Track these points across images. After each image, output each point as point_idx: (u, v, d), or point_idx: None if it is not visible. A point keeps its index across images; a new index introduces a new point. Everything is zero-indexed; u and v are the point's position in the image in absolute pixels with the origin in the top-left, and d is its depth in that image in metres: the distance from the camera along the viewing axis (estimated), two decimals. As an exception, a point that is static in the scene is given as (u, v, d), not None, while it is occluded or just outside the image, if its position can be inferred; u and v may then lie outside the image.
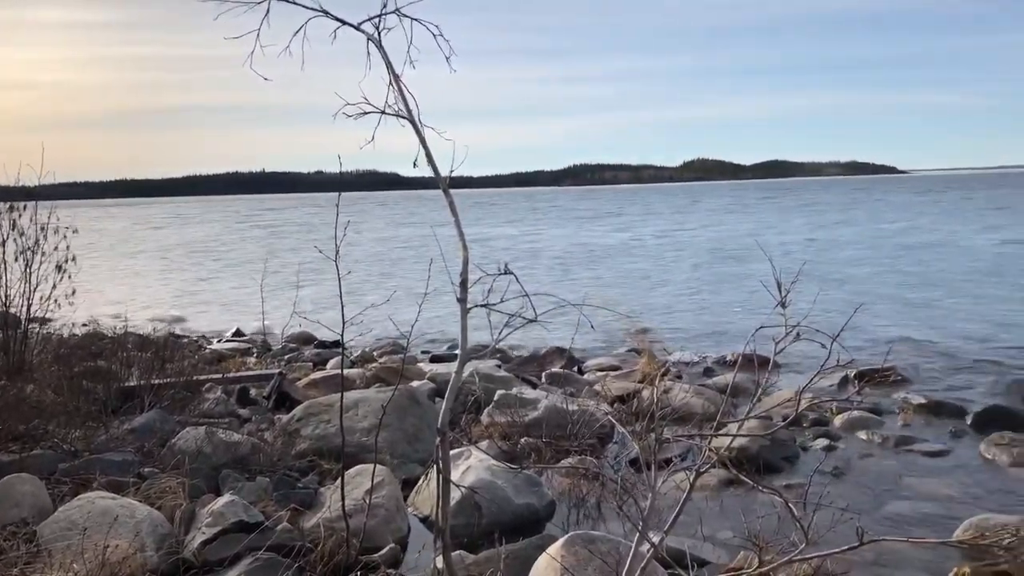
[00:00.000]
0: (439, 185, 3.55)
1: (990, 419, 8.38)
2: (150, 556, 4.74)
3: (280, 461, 6.63)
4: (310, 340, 14.48)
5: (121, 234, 59.75)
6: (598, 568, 4.20)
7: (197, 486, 5.76)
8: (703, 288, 21.26)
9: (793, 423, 8.36)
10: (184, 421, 7.45)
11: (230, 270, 30.23)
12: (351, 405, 7.36)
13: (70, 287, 9.33)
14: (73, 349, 9.83)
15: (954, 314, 15.66)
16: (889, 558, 5.24)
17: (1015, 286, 18.96)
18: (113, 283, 26.38)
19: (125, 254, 39.99)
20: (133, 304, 19.24)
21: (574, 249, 35.32)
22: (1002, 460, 7.39)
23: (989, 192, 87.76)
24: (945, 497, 6.59)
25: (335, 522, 5.10)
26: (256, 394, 9.35)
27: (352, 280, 22.83)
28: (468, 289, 3.45)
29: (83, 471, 5.90)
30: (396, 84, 3.52)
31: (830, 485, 6.60)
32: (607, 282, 23.33)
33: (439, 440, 3.42)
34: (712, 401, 8.84)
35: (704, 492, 6.53)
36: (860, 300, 15.98)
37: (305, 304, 15.74)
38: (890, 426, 8.58)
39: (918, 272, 22.48)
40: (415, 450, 7.13)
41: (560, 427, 7.65)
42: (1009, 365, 11.29)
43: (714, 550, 5.48)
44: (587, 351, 12.80)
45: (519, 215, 74.45)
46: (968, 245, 29.63)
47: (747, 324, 15.35)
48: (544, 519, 6.07)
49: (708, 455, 3.70)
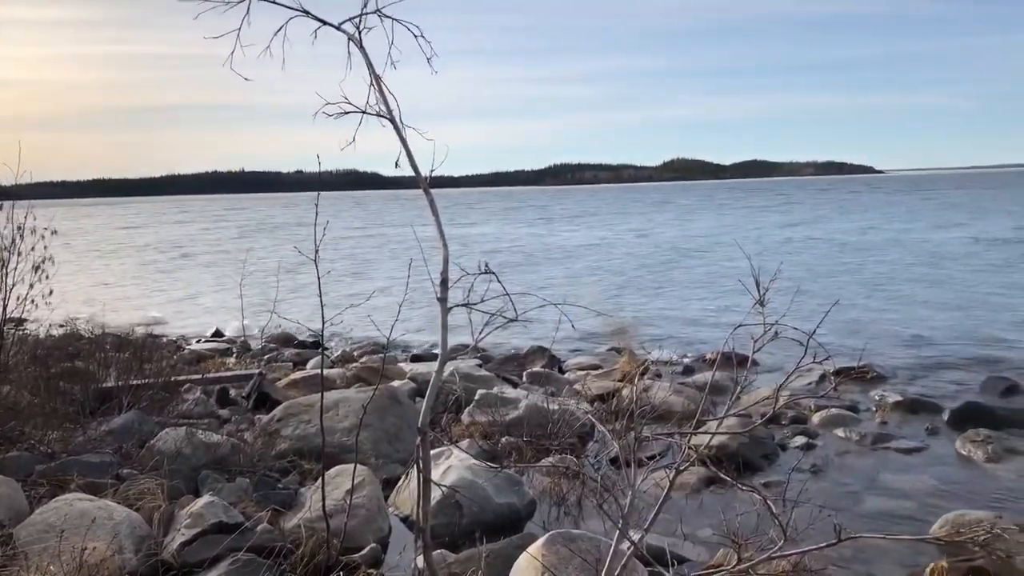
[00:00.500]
0: (419, 185, 3.55)
1: (966, 416, 8.49)
2: (128, 558, 4.71)
3: (260, 462, 6.60)
4: (290, 340, 14.42)
5: (98, 233, 59.24)
6: (579, 567, 4.21)
7: (176, 487, 5.72)
8: (676, 286, 21.38)
9: (771, 421, 8.43)
10: (163, 422, 7.40)
11: (208, 270, 30.04)
12: (331, 405, 7.34)
13: (47, 288, 9.24)
14: (50, 350, 9.72)
15: (928, 311, 15.82)
16: (867, 554, 5.30)
17: (988, 284, 19.18)
18: (90, 283, 26.15)
19: (102, 254, 39.65)
20: (110, 304, 19.07)
21: (548, 248, 35.38)
22: (977, 456, 7.48)
23: (956, 191, 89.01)
24: (922, 493, 6.66)
25: (316, 523, 5.08)
26: (236, 394, 9.31)
27: (331, 280, 22.79)
28: (448, 288, 3.45)
29: (60, 473, 5.84)
30: (377, 84, 3.51)
31: (808, 482, 6.65)
32: (585, 281, 23.37)
33: (419, 440, 3.42)
34: (692, 399, 8.89)
35: (684, 490, 6.57)
36: (831, 298, 16.14)
37: (284, 305, 15.67)
38: (867, 424, 8.66)
39: (885, 272, 22.76)
40: (396, 450, 7.12)
41: (541, 426, 7.67)
42: (984, 362, 11.43)
43: (694, 547, 5.52)
44: (568, 350, 12.83)
45: (492, 215, 74.57)
46: (939, 241, 29.97)
47: (710, 320, 15.47)
48: (525, 518, 6.08)
49: (687, 453, 3.72)
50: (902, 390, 9.82)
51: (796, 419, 8.71)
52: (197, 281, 26.75)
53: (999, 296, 17.42)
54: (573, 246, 36.47)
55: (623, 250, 33.55)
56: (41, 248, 9.01)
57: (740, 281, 3.81)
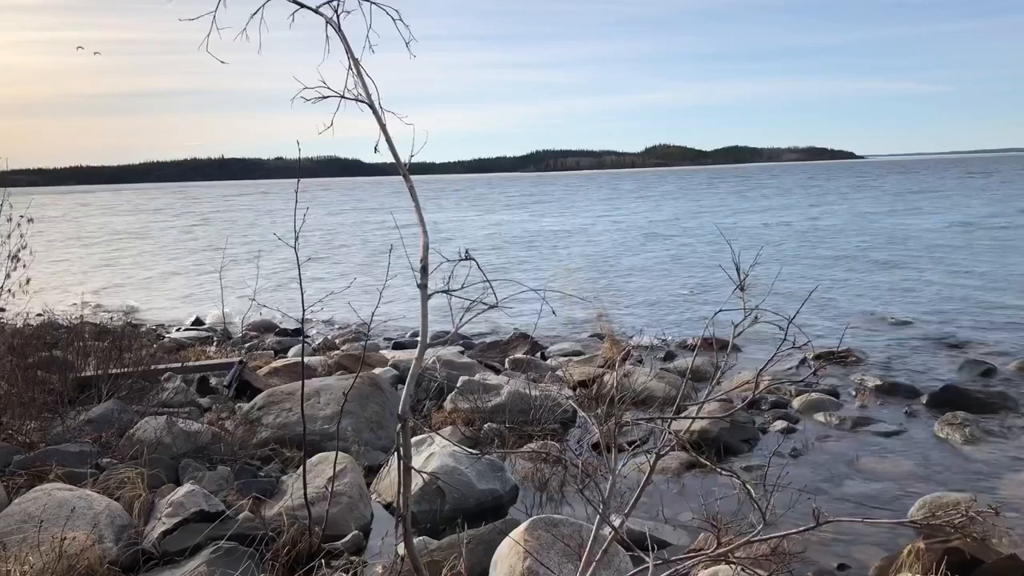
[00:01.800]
0: (399, 171, 3.53)
1: (944, 399, 8.58)
2: (109, 548, 4.68)
3: (241, 450, 6.58)
4: (271, 328, 14.37)
5: (76, 222, 58.68)
6: (561, 551, 4.23)
7: (157, 476, 5.69)
8: (657, 269, 21.45)
9: (752, 405, 8.48)
10: (143, 411, 7.35)
11: (188, 258, 29.83)
12: (312, 393, 7.32)
13: (25, 276, 9.16)
14: (28, 339, 9.63)
15: (907, 295, 15.95)
16: (845, 537, 5.35)
17: (963, 267, 19.35)
18: (68, 272, 25.92)
19: (80, 242, 39.28)
20: (89, 293, 18.90)
21: (535, 234, 35.39)
22: (955, 439, 7.56)
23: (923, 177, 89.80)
24: (900, 476, 6.73)
25: (297, 510, 5.07)
26: (216, 383, 9.26)
27: (312, 267, 22.67)
28: (429, 275, 3.44)
29: (39, 463, 5.79)
30: (355, 68, 3.48)
31: (788, 466, 6.71)
32: (568, 266, 23.41)
33: (400, 427, 3.41)
34: (673, 385, 8.92)
35: (665, 475, 6.61)
36: (811, 282, 16.27)
37: (264, 292, 15.61)
38: (847, 407, 8.73)
39: (860, 255, 22.95)
40: (378, 437, 7.12)
41: (523, 412, 7.68)
42: (962, 346, 11.55)
43: (675, 532, 5.55)
44: (550, 336, 12.85)
45: (471, 201, 74.64)
46: (915, 225, 30.21)
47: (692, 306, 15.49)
48: (507, 504, 6.10)
49: (668, 438, 3.73)
50: (881, 374, 9.91)
51: (777, 403, 8.76)
52: (177, 269, 26.56)
53: (977, 280, 17.57)
54: (550, 231, 36.50)
55: (605, 236, 33.62)
56: (17, 237, 8.93)
57: (721, 266, 3.82)
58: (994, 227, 29.41)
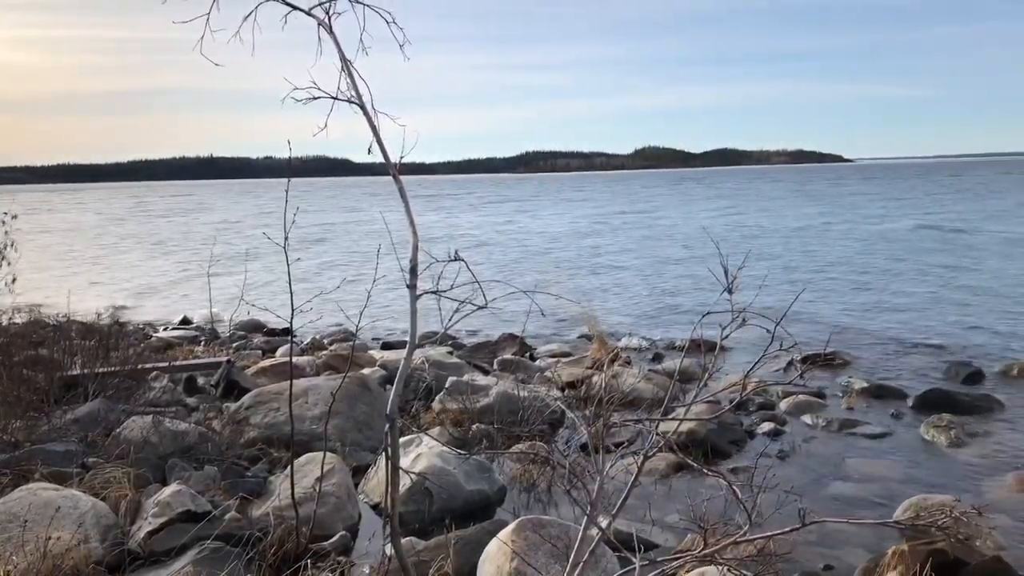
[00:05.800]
0: (389, 171, 3.53)
1: (930, 402, 8.64)
2: (94, 547, 4.66)
3: (229, 450, 6.56)
4: (259, 327, 14.32)
5: (63, 220, 58.33)
6: (548, 552, 4.24)
7: (143, 476, 5.66)
8: (647, 270, 21.50)
9: (740, 407, 8.52)
10: (130, 410, 7.32)
11: (174, 257, 29.70)
12: (301, 393, 7.30)
13: (10, 274, 9.11)
14: (13, 337, 9.58)
15: (894, 299, 16.03)
16: (831, 538, 5.38)
17: (949, 271, 19.47)
18: (56, 270, 25.76)
19: (67, 240, 39.05)
20: (76, 291, 18.79)
21: (527, 235, 35.41)
22: (940, 441, 7.61)
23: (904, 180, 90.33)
24: (886, 478, 6.77)
25: (285, 510, 5.06)
26: (204, 382, 9.23)
27: (300, 266, 22.57)
28: (418, 275, 3.44)
29: (24, 462, 5.76)
30: (347, 70, 3.48)
31: (775, 468, 6.73)
32: (557, 269, 23.43)
33: (388, 427, 3.42)
34: (661, 386, 8.95)
35: (653, 476, 6.63)
36: (797, 285, 16.34)
37: (252, 291, 15.57)
38: (834, 409, 8.77)
39: (845, 259, 23.07)
40: (366, 437, 7.11)
41: (512, 413, 7.69)
42: (948, 348, 11.61)
43: (662, 533, 5.57)
44: (539, 337, 12.86)
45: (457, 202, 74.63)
46: (896, 229, 30.39)
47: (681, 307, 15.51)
48: (495, 504, 6.10)
49: (656, 439, 3.74)
50: (868, 376, 9.96)
51: (764, 405, 8.80)
52: (165, 268, 26.45)
53: (965, 283, 17.67)
54: (539, 233, 36.53)
55: (595, 238, 33.67)
56: (3, 234, 8.88)
57: (709, 269, 3.84)
58: (978, 231, 29.63)
